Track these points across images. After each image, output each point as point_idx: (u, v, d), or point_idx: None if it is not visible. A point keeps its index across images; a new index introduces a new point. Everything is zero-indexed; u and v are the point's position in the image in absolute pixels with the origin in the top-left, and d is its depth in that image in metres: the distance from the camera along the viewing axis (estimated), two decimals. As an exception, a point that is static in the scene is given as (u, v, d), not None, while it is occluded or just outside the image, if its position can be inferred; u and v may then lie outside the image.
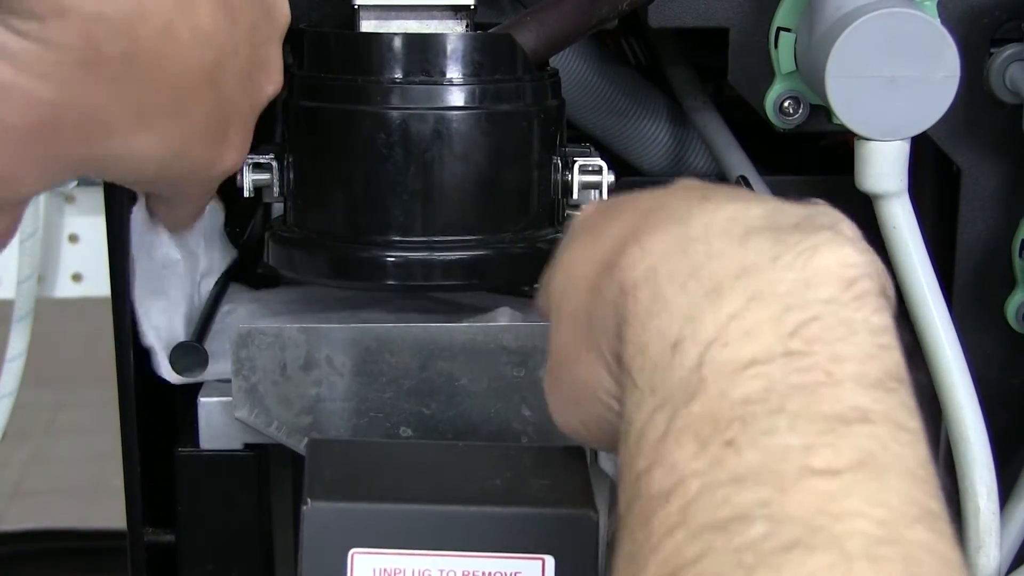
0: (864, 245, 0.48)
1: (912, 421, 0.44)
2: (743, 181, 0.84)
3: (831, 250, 0.47)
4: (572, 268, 0.52)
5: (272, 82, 0.66)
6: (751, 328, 0.44)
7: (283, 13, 0.66)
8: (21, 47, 0.52)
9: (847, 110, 0.71)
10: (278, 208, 0.76)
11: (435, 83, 0.68)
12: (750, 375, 0.44)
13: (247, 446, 0.68)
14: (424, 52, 0.68)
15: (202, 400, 0.68)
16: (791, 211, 0.49)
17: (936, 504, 0.43)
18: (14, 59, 0.52)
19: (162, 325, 0.71)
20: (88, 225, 1.21)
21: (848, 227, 0.49)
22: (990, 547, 0.73)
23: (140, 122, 0.57)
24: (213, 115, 0.61)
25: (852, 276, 0.46)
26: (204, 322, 0.72)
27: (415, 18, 0.72)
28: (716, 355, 0.44)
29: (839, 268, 0.46)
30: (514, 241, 0.70)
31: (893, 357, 0.45)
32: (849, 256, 0.47)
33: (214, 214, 0.75)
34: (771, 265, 0.46)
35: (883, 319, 0.46)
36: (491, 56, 0.69)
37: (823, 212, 0.49)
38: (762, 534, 0.40)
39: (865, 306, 0.46)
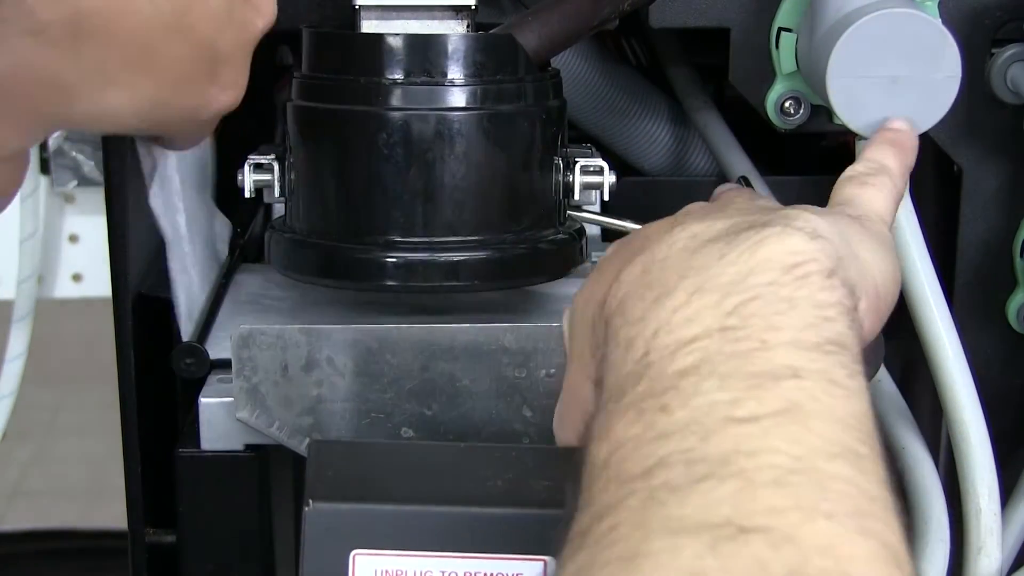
0: (821, 234, 0.50)
1: (852, 381, 0.46)
2: (744, 181, 0.84)
3: (777, 240, 0.49)
4: (578, 309, 0.56)
5: (262, 15, 0.64)
6: (692, 315, 0.47)
7: None
8: None
9: (848, 110, 0.71)
10: (279, 208, 0.76)
11: (436, 84, 0.68)
12: (687, 351, 0.46)
13: (248, 447, 0.68)
14: (425, 52, 0.68)
15: (203, 401, 0.68)
16: (754, 217, 0.51)
17: (866, 449, 0.44)
18: None
19: (183, 293, 0.71)
20: (88, 225, 1.21)
21: (806, 221, 0.51)
22: (991, 548, 0.73)
23: (104, 80, 0.56)
24: (190, 61, 0.59)
25: (796, 261, 0.49)
26: (205, 322, 0.72)
27: (416, 18, 0.71)
28: (659, 341, 0.47)
29: (782, 255, 0.49)
30: (516, 242, 0.70)
31: (836, 328, 0.47)
32: (795, 244, 0.49)
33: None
34: (717, 263, 0.49)
35: (832, 296, 0.48)
36: (492, 56, 0.69)
37: (788, 212, 0.51)
38: (678, 474, 0.42)
39: (808, 285, 0.48)
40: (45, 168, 1.17)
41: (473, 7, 0.71)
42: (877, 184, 0.60)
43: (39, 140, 0.60)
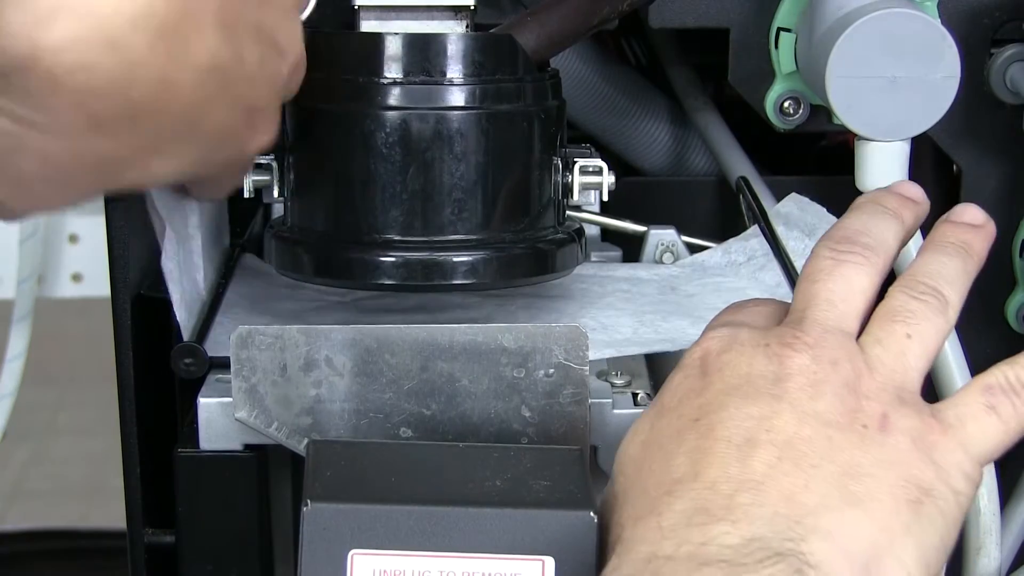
0: None
1: None
2: (743, 182, 0.84)
3: None
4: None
5: (291, 56, 0.63)
6: None
7: None
8: (25, 112, 0.53)
9: (847, 110, 0.71)
10: (278, 208, 0.76)
11: (435, 83, 0.68)
12: None
13: (247, 447, 0.68)
14: (424, 52, 0.68)
15: (202, 401, 0.68)
16: (771, 540, 0.52)
17: None
18: (22, 121, 0.54)
19: (185, 287, 0.71)
20: (88, 225, 1.21)
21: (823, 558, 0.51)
22: (990, 548, 0.73)
23: (153, 152, 0.58)
24: (229, 119, 0.60)
25: None
26: (205, 322, 0.72)
27: (415, 18, 0.71)
28: None
29: None
30: (514, 242, 0.70)
31: None
32: None
33: None
34: None
35: None
36: (491, 56, 0.69)
37: (810, 549, 0.52)
38: None
39: None
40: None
41: (472, 7, 0.71)
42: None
43: (83, 202, 0.62)
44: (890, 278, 0.60)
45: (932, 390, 0.73)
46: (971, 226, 0.62)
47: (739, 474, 0.53)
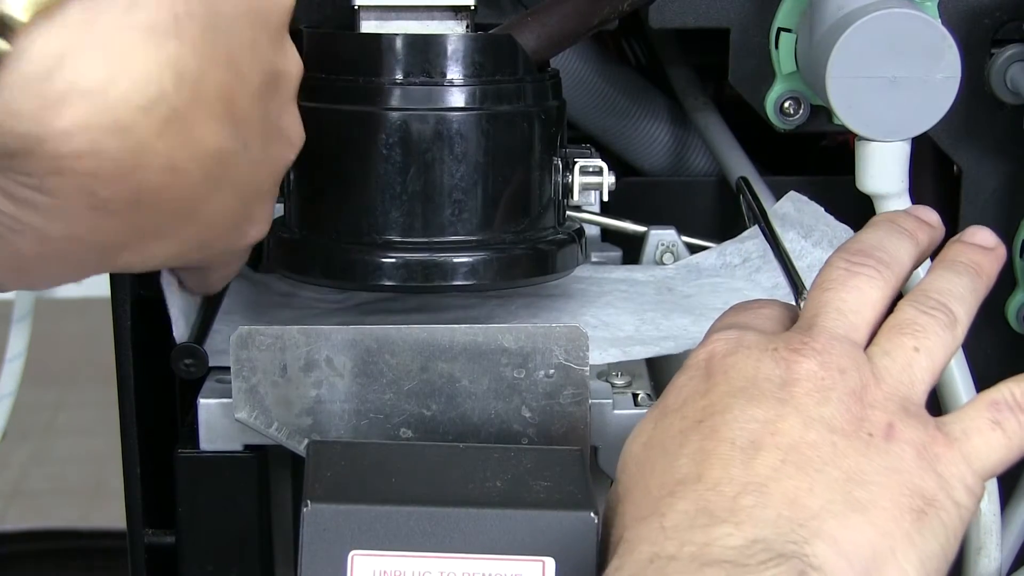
0: None
1: None
2: (743, 182, 0.84)
3: None
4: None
5: (292, 145, 0.63)
6: None
7: (294, 76, 0.62)
8: (27, 194, 0.53)
9: (848, 111, 0.71)
10: (278, 209, 0.76)
11: (435, 84, 0.68)
12: None
13: (247, 447, 0.68)
14: (425, 53, 0.68)
15: (202, 401, 0.68)
16: (774, 540, 0.52)
17: None
18: (23, 203, 0.53)
19: (184, 300, 0.71)
20: (88, 225, 1.21)
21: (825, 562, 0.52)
22: (990, 548, 0.73)
23: (152, 236, 0.57)
24: (230, 207, 0.60)
25: None
26: (204, 322, 0.72)
27: (415, 19, 0.71)
28: None
29: None
30: (515, 242, 0.70)
31: None
32: None
33: None
34: None
35: None
36: (492, 57, 0.69)
37: (813, 551, 0.52)
38: None
39: None
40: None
41: (472, 7, 0.71)
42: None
43: (77, 281, 0.61)
44: (899, 299, 0.60)
45: (936, 405, 0.73)
46: (982, 248, 0.62)
47: (743, 476, 0.53)
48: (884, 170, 0.72)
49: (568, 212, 0.74)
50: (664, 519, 0.53)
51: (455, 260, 0.68)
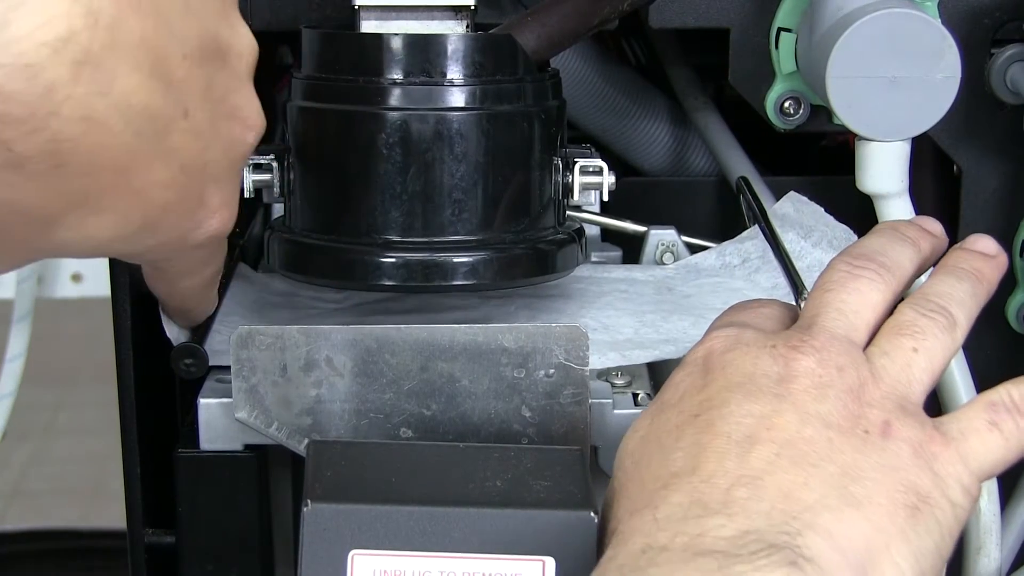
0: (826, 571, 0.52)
1: None
2: (743, 182, 0.84)
3: None
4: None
5: (251, 129, 0.60)
6: None
7: (246, 54, 0.59)
8: None
9: (848, 110, 0.71)
10: (278, 209, 0.76)
11: (436, 84, 0.68)
12: None
13: (247, 447, 0.68)
14: (425, 52, 0.68)
15: (202, 401, 0.68)
16: (767, 531, 0.52)
17: None
18: None
19: None
20: (88, 225, 1.21)
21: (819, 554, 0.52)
22: (990, 548, 0.73)
23: (87, 208, 0.54)
24: (176, 185, 0.56)
25: None
26: (204, 322, 0.72)
27: (415, 18, 0.71)
28: None
29: None
30: (515, 242, 0.70)
31: None
32: None
33: None
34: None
35: None
36: (492, 57, 0.69)
37: (806, 543, 0.52)
38: None
39: None
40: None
41: (472, 7, 0.71)
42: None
43: (18, 267, 0.58)
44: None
45: (936, 405, 0.73)
46: (984, 255, 0.63)
47: (737, 469, 0.54)
48: (884, 170, 0.72)
49: (568, 212, 0.74)
50: (657, 511, 0.53)
51: (455, 260, 0.68)
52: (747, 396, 0.56)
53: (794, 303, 0.64)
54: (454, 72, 0.68)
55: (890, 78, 0.70)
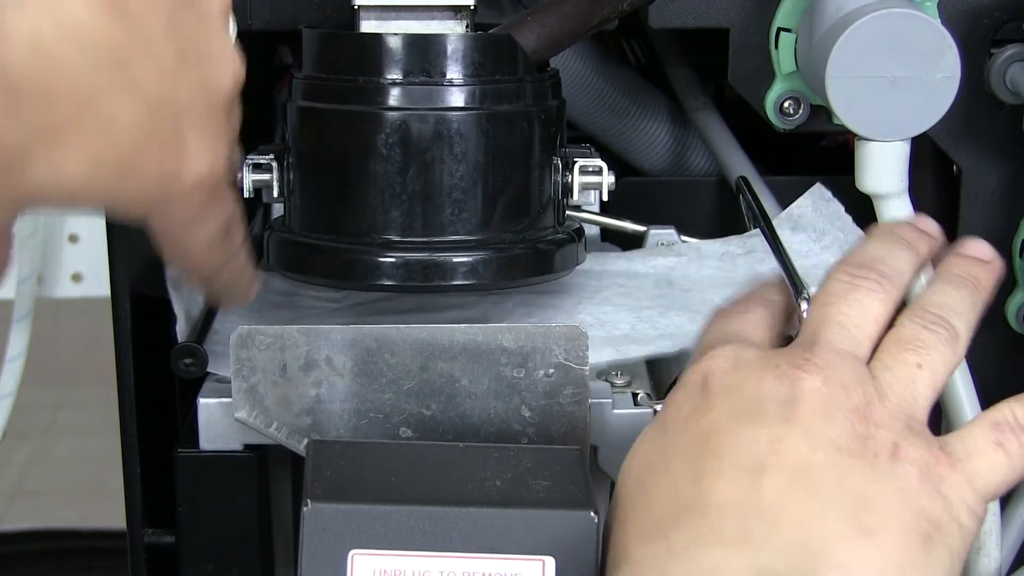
0: None
1: None
2: (743, 182, 0.84)
3: None
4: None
5: (228, 72, 0.58)
6: None
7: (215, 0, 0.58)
8: None
9: (847, 110, 0.71)
10: (278, 209, 0.76)
11: (435, 83, 0.68)
12: None
13: (247, 447, 0.68)
14: (424, 52, 0.68)
15: (202, 401, 0.68)
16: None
17: None
18: None
19: (188, 297, 0.71)
20: (88, 225, 1.21)
21: None
22: (990, 548, 0.73)
23: (54, 142, 0.53)
24: (146, 122, 0.55)
25: None
26: (204, 322, 0.72)
27: (415, 18, 0.71)
28: None
29: None
30: (514, 242, 0.70)
31: None
32: None
33: None
34: None
35: None
36: (491, 56, 0.69)
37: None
38: None
39: None
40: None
41: (472, 7, 0.71)
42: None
43: (5, 219, 0.56)
44: (899, 310, 0.60)
45: (936, 406, 0.73)
46: (979, 261, 0.62)
47: (750, 499, 0.53)
48: (884, 170, 0.72)
49: (568, 212, 0.74)
50: (670, 541, 0.53)
51: (455, 260, 0.68)
52: (753, 421, 0.55)
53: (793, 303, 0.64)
54: (454, 72, 0.68)
55: (890, 78, 0.70)
